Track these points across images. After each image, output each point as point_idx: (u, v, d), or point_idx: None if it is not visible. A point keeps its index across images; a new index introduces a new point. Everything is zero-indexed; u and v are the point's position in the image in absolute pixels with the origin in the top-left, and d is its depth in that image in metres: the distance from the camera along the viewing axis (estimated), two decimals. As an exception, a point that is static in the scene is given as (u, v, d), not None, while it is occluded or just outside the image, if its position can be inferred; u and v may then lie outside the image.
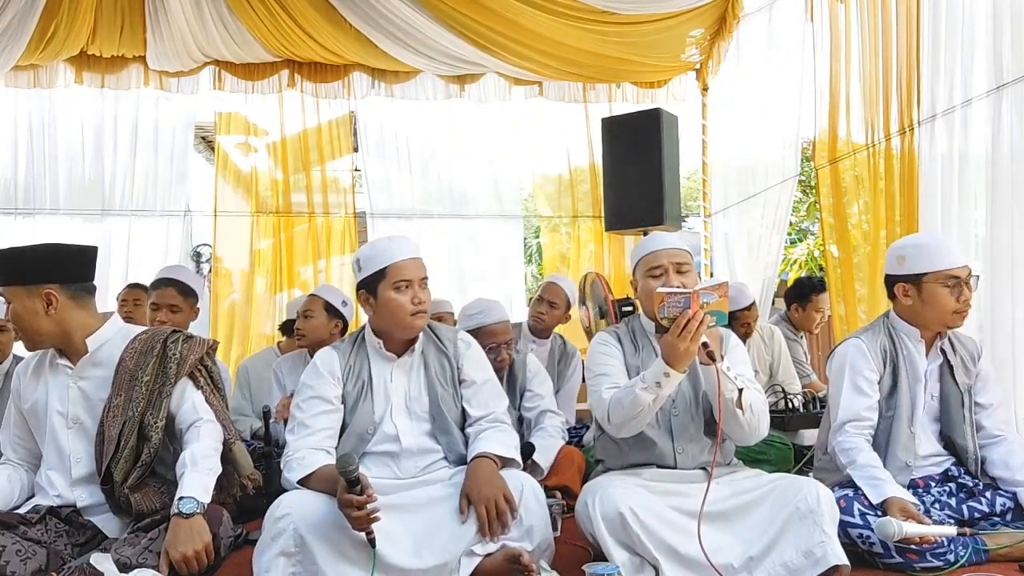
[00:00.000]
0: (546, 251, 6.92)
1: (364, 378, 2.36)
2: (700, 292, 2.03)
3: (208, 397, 2.33)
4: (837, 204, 4.53)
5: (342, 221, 6.09)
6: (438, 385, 2.39)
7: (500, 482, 2.14)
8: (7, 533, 2.05)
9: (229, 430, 2.35)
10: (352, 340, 2.46)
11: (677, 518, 2.14)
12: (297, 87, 5.97)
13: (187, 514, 2.01)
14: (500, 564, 2.08)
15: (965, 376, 2.60)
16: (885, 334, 2.61)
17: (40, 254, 2.20)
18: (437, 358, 2.43)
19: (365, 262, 2.36)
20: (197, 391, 2.31)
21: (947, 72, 3.55)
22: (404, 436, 2.32)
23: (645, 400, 2.15)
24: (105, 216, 5.75)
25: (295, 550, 2.00)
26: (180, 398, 2.29)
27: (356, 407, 2.33)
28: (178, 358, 2.29)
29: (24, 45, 4.96)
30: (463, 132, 6.24)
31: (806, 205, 10.84)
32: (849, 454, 2.46)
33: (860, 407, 2.52)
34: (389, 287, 2.30)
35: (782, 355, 4.37)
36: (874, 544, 2.26)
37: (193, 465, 2.12)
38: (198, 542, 1.99)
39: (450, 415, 2.37)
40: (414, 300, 2.30)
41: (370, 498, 1.95)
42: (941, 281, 2.49)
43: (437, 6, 5.07)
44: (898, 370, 2.57)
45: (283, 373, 3.77)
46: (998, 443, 2.58)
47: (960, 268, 2.50)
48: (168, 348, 2.30)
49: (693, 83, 6.35)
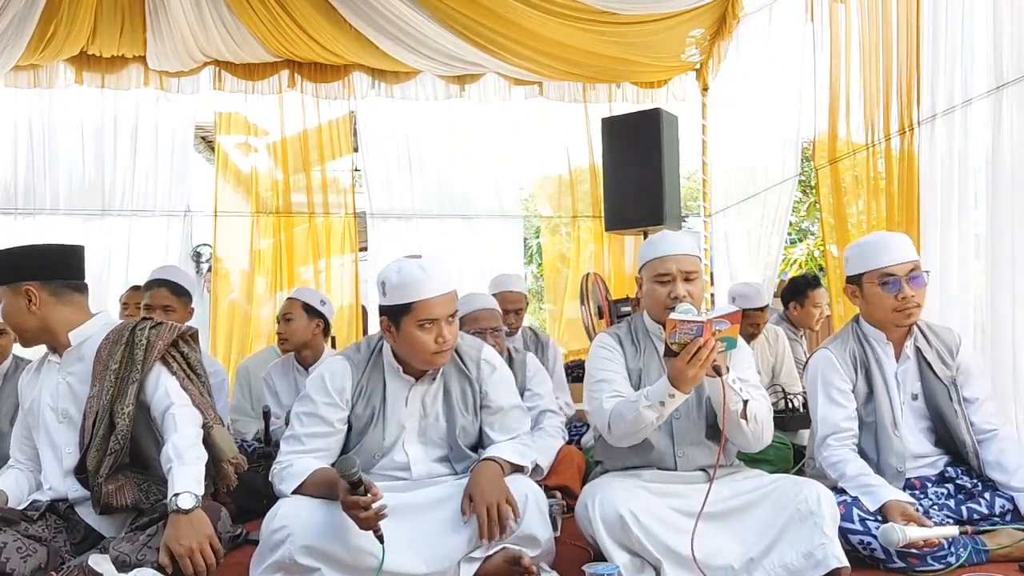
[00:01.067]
0: (546, 251, 6.92)
1: (376, 402, 2.25)
2: (713, 321, 2.02)
3: (183, 383, 2.30)
4: (837, 204, 4.53)
5: (342, 221, 6.10)
6: (458, 414, 2.29)
7: (504, 486, 2.13)
8: (8, 530, 2.06)
9: (208, 414, 2.31)
10: (369, 351, 2.32)
11: (677, 519, 2.13)
12: (297, 87, 5.97)
13: (186, 509, 1.99)
14: (501, 566, 2.08)
15: (945, 368, 2.55)
16: (854, 340, 2.60)
17: (20, 254, 2.29)
18: (459, 383, 2.32)
19: (391, 290, 2.17)
20: (171, 377, 2.29)
21: (947, 72, 3.54)
22: (416, 465, 2.26)
23: (649, 418, 2.15)
24: (105, 216, 5.76)
25: (290, 564, 1.99)
26: (154, 385, 2.27)
27: (366, 430, 2.25)
28: (145, 344, 2.28)
29: (24, 45, 4.97)
30: (463, 132, 6.24)
31: (806, 205, 10.84)
32: (837, 468, 2.44)
33: (838, 418, 2.50)
34: (413, 323, 2.14)
35: (786, 357, 4.38)
36: (875, 550, 2.25)
37: (179, 458, 2.09)
38: (201, 536, 1.97)
39: (467, 442, 2.31)
40: (438, 339, 2.15)
41: (375, 496, 1.92)
42: (876, 280, 2.50)
43: (437, 6, 5.07)
44: (871, 375, 2.55)
45: (274, 379, 3.76)
46: (991, 439, 2.53)
47: (896, 265, 2.47)
48: (136, 335, 2.30)
49: (693, 83, 6.35)
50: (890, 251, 2.51)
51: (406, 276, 2.16)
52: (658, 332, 2.40)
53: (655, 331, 2.42)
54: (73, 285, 2.33)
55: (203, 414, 2.29)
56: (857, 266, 2.56)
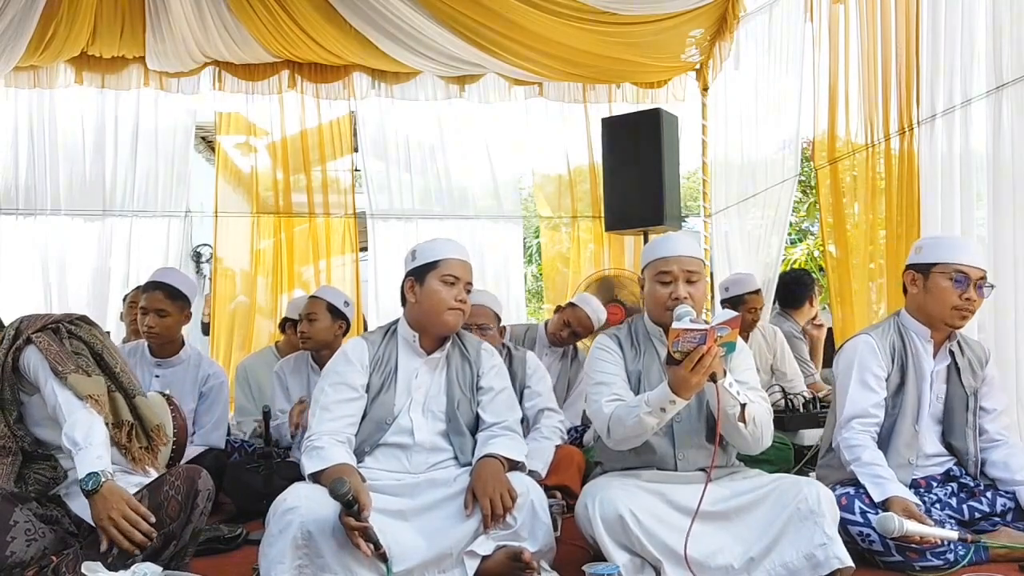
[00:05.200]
0: (546, 251, 6.91)
1: (390, 369, 2.42)
2: (716, 328, 2.02)
3: (58, 356, 2.23)
4: (836, 204, 4.53)
5: (342, 221, 6.10)
6: (456, 388, 2.45)
7: (504, 479, 2.18)
8: (22, 508, 2.07)
9: (132, 385, 2.33)
10: (383, 332, 2.52)
11: (677, 519, 2.14)
12: (297, 87, 5.97)
13: (91, 490, 2.00)
14: (502, 562, 2.11)
15: (972, 379, 2.60)
16: (895, 332, 2.61)
17: None
18: (460, 363, 2.50)
19: (420, 252, 2.45)
20: (40, 354, 2.22)
21: (947, 72, 3.54)
22: (418, 431, 2.37)
23: (649, 424, 2.16)
24: (106, 216, 5.76)
25: (303, 542, 2.01)
26: (35, 375, 2.23)
27: (378, 397, 2.39)
28: (11, 334, 2.27)
29: (24, 46, 4.96)
30: (463, 132, 6.24)
31: (806, 205, 10.83)
32: (854, 451, 2.46)
33: (867, 403, 2.52)
34: (437, 278, 2.38)
35: (785, 354, 4.38)
36: (874, 542, 2.26)
37: (74, 446, 2.09)
38: (116, 505, 1.99)
39: (464, 419, 2.43)
40: (457, 297, 2.39)
41: (367, 525, 1.98)
42: (948, 273, 2.49)
43: (437, 6, 5.07)
44: (906, 368, 2.57)
45: (286, 375, 3.75)
46: (999, 446, 2.59)
47: (971, 267, 2.49)
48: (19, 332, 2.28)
49: (693, 83, 6.34)
50: (970, 252, 2.53)
51: (436, 243, 2.49)
52: (658, 334, 2.41)
53: (655, 333, 2.42)
54: None
55: (121, 388, 2.30)
56: (931, 255, 2.55)
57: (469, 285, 2.44)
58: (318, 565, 2.01)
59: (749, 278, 4.39)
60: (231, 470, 3.27)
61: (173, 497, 2.13)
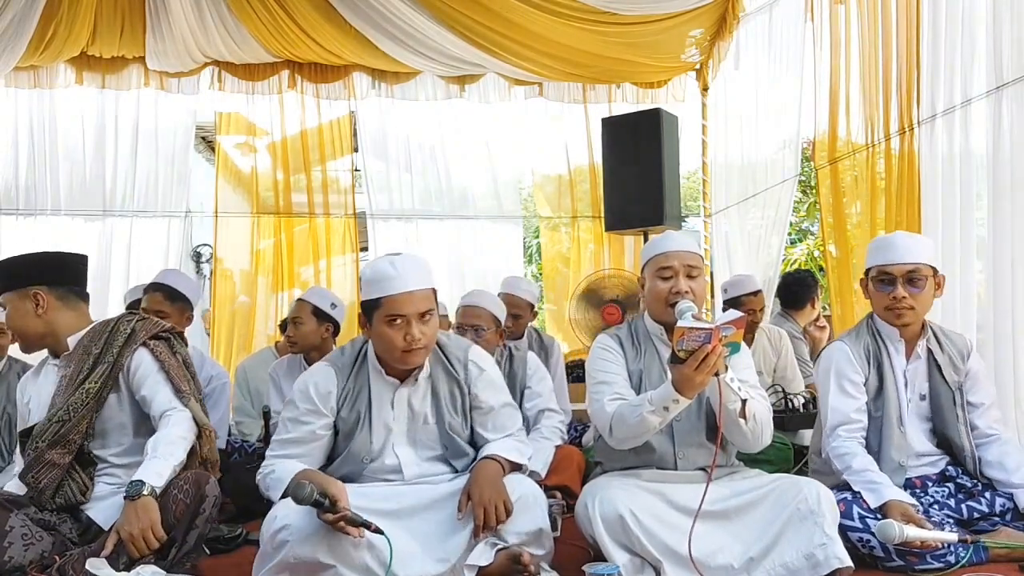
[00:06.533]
0: (546, 251, 6.92)
1: (362, 407, 2.25)
2: (720, 327, 2.01)
3: (167, 367, 2.35)
4: (837, 204, 4.53)
5: (342, 221, 6.10)
6: (447, 415, 2.29)
7: (501, 487, 2.14)
8: (18, 513, 2.11)
9: (185, 387, 2.38)
10: (354, 356, 2.31)
11: (677, 519, 2.14)
12: (297, 87, 5.97)
13: (132, 496, 2.08)
14: (502, 564, 2.09)
15: (954, 374, 2.58)
16: (869, 335, 2.62)
17: (29, 259, 2.42)
18: (448, 385, 2.31)
19: (365, 285, 2.20)
20: (154, 361, 2.35)
21: (947, 72, 3.54)
22: (407, 467, 2.26)
23: (652, 423, 2.15)
24: (106, 216, 5.76)
25: (295, 562, 1.99)
26: (135, 368, 2.34)
27: (352, 435, 2.25)
28: (128, 332, 2.37)
29: (24, 46, 4.96)
30: (463, 132, 6.24)
31: (806, 205, 10.83)
32: (844, 460, 2.45)
33: (849, 409, 2.52)
34: (382, 320, 2.15)
35: (788, 358, 4.37)
36: (874, 548, 2.25)
37: (153, 451, 2.19)
38: (145, 523, 2.06)
39: (462, 438, 2.31)
40: (407, 337, 2.13)
41: (344, 510, 1.96)
42: (876, 277, 2.55)
43: (437, 6, 5.07)
44: (883, 370, 2.57)
45: (280, 377, 3.75)
46: (992, 442, 2.57)
47: (893, 265, 2.50)
48: (120, 325, 2.40)
49: (693, 83, 6.34)
50: (892, 250, 2.53)
51: (377, 272, 2.18)
52: (658, 333, 2.40)
53: (656, 332, 2.42)
54: (77, 292, 2.44)
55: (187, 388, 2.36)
56: (867, 262, 2.62)
57: (427, 314, 2.16)
58: (316, 570, 2.00)
59: (748, 279, 4.37)
60: (231, 470, 3.27)
61: (181, 500, 2.16)
